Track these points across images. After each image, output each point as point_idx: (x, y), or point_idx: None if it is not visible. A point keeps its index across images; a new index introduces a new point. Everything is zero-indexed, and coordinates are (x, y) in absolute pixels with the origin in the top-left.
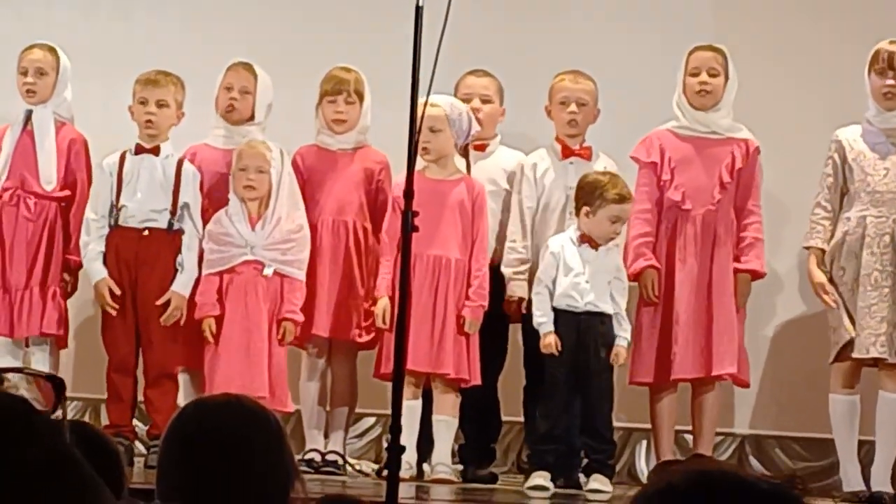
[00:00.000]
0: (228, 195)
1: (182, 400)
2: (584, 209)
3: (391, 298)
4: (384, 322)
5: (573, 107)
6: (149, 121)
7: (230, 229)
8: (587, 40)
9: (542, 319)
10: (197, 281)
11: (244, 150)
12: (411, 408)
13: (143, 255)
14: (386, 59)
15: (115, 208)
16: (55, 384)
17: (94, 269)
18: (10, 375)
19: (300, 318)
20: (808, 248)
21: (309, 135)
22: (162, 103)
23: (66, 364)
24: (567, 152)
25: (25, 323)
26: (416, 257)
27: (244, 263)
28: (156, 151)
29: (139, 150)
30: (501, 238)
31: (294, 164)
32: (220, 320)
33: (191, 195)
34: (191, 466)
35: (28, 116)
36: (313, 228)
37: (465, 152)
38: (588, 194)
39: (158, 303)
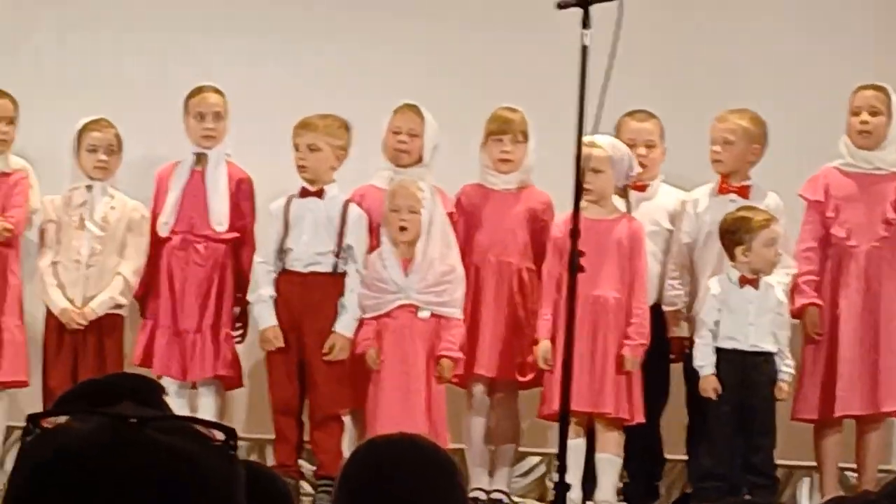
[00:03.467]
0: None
1: (347, 441)
2: (739, 249)
3: (552, 340)
4: (546, 364)
5: (716, 146)
6: (301, 165)
7: (383, 274)
8: (752, 77)
9: (702, 363)
10: (359, 321)
11: (396, 191)
12: (576, 446)
13: (307, 298)
14: (550, 99)
15: (282, 252)
16: (227, 434)
17: (263, 315)
18: None
19: (458, 355)
20: None
21: (473, 175)
22: (313, 147)
23: (238, 404)
24: (724, 189)
25: (198, 366)
26: (578, 297)
27: (399, 308)
28: (320, 194)
29: (304, 192)
30: (662, 277)
31: (458, 203)
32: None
33: (355, 237)
34: None
35: (198, 158)
36: (476, 269)
37: (624, 192)
38: (734, 233)
39: (325, 350)
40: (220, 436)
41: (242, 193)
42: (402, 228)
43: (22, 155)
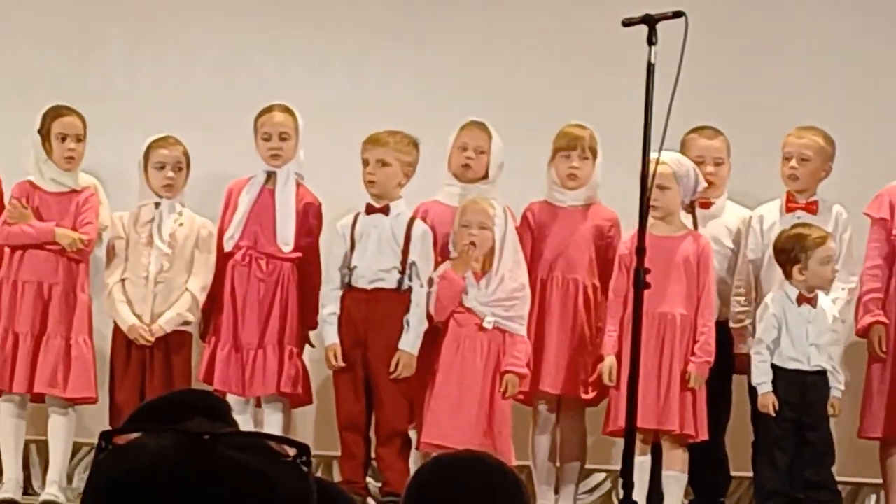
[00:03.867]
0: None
1: (413, 458)
2: (795, 268)
3: (618, 356)
4: (611, 380)
5: (794, 161)
6: (370, 181)
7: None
8: (819, 96)
9: (761, 380)
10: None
11: (468, 207)
12: (641, 463)
13: (372, 315)
14: (616, 116)
15: (347, 269)
16: (300, 450)
17: (328, 332)
18: None
19: (524, 371)
20: None
21: (538, 192)
22: (383, 162)
23: (306, 421)
24: (791, 206)
25: (260, 382)
26: (644, 314)
27: (464, 314)
28: (385, 210)
29: (370, 209)
30: (725, 295)
31: (524, 219)
32: (436, 371)
33: (419, 253)
34: None
35: (268, 177)
36: (542, 285)
37: (690, 208)
38: (790, 252)
39: (391, 368)
40: (292, 452)
41: (310, 216)
42: (472, 243)
43: (92, 172)
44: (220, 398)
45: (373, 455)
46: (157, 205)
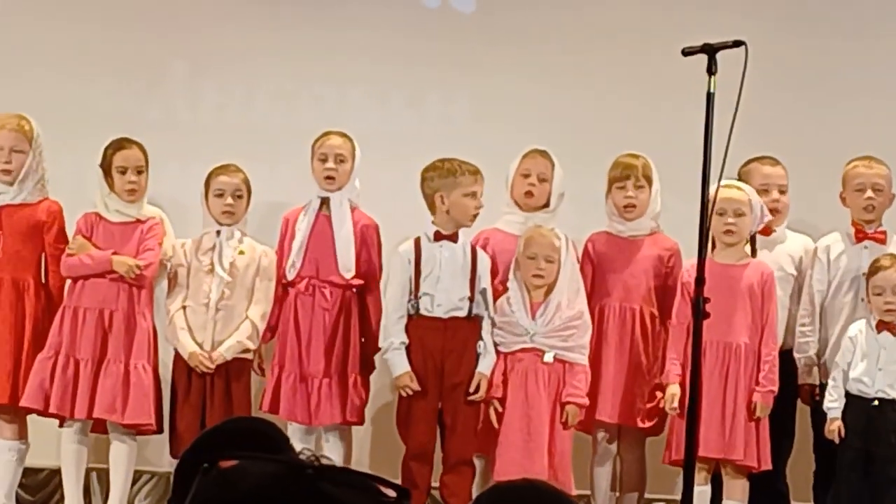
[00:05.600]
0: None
1: (476, 485)
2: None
3: (681, 385)
4: (672, 410)
5: (869, 192)
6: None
7: (511, 318)
8: (874, 124)
9: (833, 405)
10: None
11: (534, 238)
12: (702, 493)
13: (449, 343)
14: (676, 145)
15: (414, 296)
16: (400, 494)
17: (397, 361)
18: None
19: (584, 401)
20: None
21: (595, 221)
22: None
23: (361, 447)
24: (861, 236)
25: (326, 411)
26: (706, 343)
27: (524, 350)
28: (454, 238)
29: (438, 236)
30: (788, 322)
31: (585, 250)
32: (501, 403)
33: (486, 280)
34: None
35: (323, 203)
36: (600, 313)
37: (752, 237)
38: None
39: (472, 389)
40: (391, 494)
41: (368, 239)
42: (538, 276)
43: (155, 202)
44: (278, 428)
45: (434, 483)
46: (218, 233)
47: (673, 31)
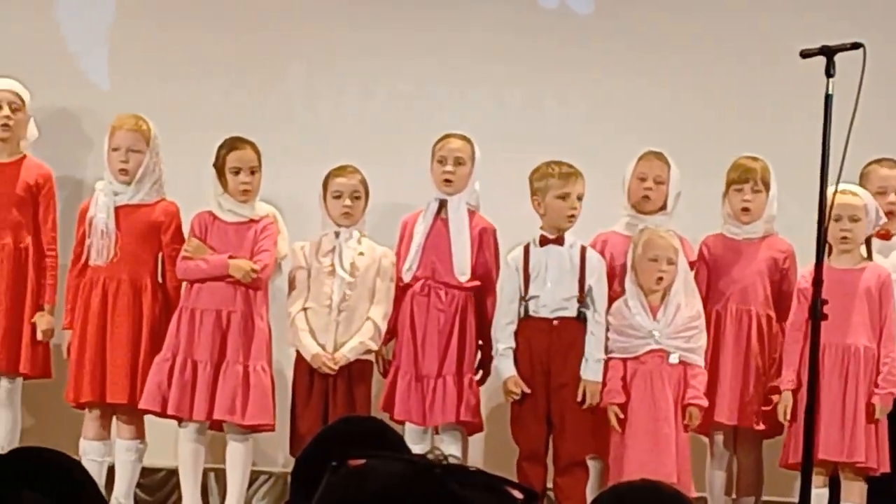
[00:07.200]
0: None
1: (590, 487)
2: None
3: (795, 390)
4: (786, 417)
5: None
6: (573, 215)
7: (632, 321)
8: None
9: None
10: (605, 362)
11: (654, 241)
12: (819, 496)
13: (555, 344)
14: (792, 148)
15: (523, 300)
16: (527, 495)
17: (504, 365)
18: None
19: (705, 403)
20: None
21: (708, 225)
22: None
23: (476, 449)
24: None
25: (440, 411)
26: (824, 346)
27: (649, 353)
28: (560, 241)
29: (544, 240)
30: None
31: (700, 253)
32: (623, 407)
33: (595, 281)
34: None
35: (441, 205)
36: (717, 316)
37: (867, 241)
38: None
39: (579, 399)
40: (518, 495)
41: (485, 243)
42: (660, 279)
43: (272, 202)
44: (392, 428)
45: (549, 485)
46: (337, 234)
47: (790, 34)
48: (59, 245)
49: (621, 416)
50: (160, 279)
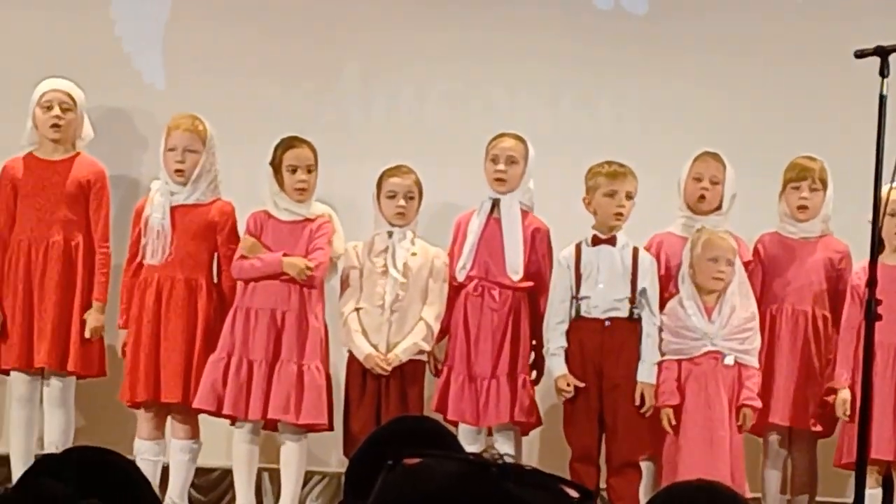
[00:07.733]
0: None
1: (644, 488)
2: None
3: (852, 388)
4: (845, 414)
5: None
6: (621, 213)
7: (687, 322)
8: None
9: None
10: (658, 364)
11: (714, 241)
12: (873, 496)
13: (607, 345)
14: (847, 148)
15: (575, 300)
16: (583, 495)
17: (555, 364)
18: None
19: (759, 404)
20: None
21: (762, 225)
22: (629, 195)
23: (531, 449)
24: None
25: (493, 411)
26: (877, 345)
27: (704, 354)
28: (612, 241)
29: (596, 240)
30: None
31: (755, 252)
32: (678, 409)
33: (648, 282)
34: None
35: (494, 204)
36: (772, 316)
37: None
38: None
39: (636, 402)
40: (574, 494)
41: (538, 242)
42: (718, 279)
43: (326, 202)
44: (445, 427)
45: (602, 485)
46: (390, 234)
47: (844, 35)
48: (113, 244)
49: (674, 421)
50: (215, 279)
